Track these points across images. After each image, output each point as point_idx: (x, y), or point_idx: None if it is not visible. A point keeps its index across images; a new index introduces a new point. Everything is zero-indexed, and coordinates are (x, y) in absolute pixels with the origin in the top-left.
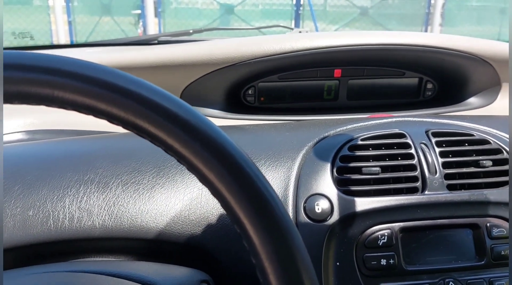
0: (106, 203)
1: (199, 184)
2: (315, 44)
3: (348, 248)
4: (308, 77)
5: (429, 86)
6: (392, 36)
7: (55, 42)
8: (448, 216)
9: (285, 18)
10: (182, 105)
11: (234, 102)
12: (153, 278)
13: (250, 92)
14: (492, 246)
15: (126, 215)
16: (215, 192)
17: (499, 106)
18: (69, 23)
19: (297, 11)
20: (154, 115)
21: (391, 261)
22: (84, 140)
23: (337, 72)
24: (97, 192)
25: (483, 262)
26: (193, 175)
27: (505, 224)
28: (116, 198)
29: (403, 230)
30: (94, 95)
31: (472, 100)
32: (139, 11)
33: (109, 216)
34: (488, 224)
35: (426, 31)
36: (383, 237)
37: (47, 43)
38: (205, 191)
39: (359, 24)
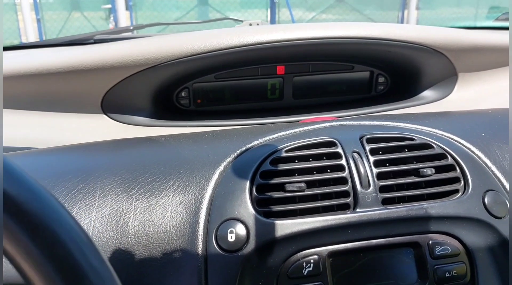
0: None
1: (87, 212)
2: (247, 40)
3: (267, 281)
4: (248, 76)
5: (381, 79)
6: (333, 28)
7: (24, 41)
8: (384, 236)
9: (261, 7)
10: None
11: (166, 107)
12: None
13: (183, 94)
14: (436, 267)
15: None
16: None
17: (456, 99)
18: (38, 20)
19: (273, 0)
20: None
21: None
22: None
23: (280, 69)
24: None
25: None
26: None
27: (450, 240)
28: None
29: (332, 254)
30: None
31: (427, 93)
32: (109, 6)
33: None
34: (430, 242)
35: (403, 15)
36: (309, 265)
37: (15, 42)
38: (97, 224)
39: (336, 11)
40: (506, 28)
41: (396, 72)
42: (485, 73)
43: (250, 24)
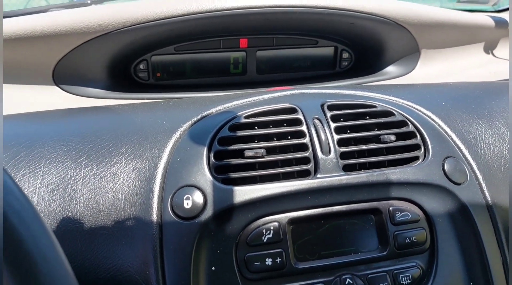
0: None
1: (31, 179)
2: (206, 6)
3: (226, 249)
4: (210, 48)
5: (345, 55)
6: None
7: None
8: (345, 202)
9: None
10: None
11: (123, 79)
12: None
13: (141, 66)
14: (396, 233)
15: None
16: None
17: (418, 75)
18: None
19: None
20: None
21: (278, 259)
22: None
23: (243, 42)
24: None
25: (385, 253)
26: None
27: (410, 206)
28: None
29: (292, 221)
30: None
31: (390, 69)
32: None
33: None
34: (390, 208)
35: None
36: (268, 232)
37: None
38: (42, 192)
39: None
40: (468, 10)
41: (360, 48)
42: (447, 50)
43: None
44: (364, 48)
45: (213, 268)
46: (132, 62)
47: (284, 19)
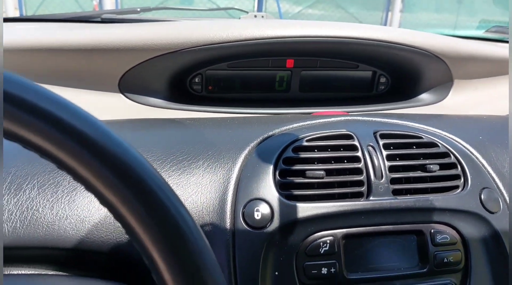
0: (18, 208)
1: None
2: (264, 33)
3: (288, 257)
4: (259, 67)
5: (382, 80)
6: (345, 28)
7: (2, 14)
8: (392, 223)
9: None
10: (76, 113)
11: (179, 91)
12: None
13: (196, 80)
14: (435, 253)
15: (41, 222)
16: (119, 218)
17: (450, 103)
18: None
19: None
20: (48, 128)
21: (332, 269)
22: None
23: (290, 63)
24: (8, 195)
25: (425, 270)
26: None
27: (449, 230)
28: (30, 202)
29: (346, 237)
30: None
31: (424, 96)
32: None
33: (21, 222)
34: (432, 231)
35: (386, 16)
36: (325, 245)
37: None
38: None
39: (322, 7)
40: (496, 40)
41: (397, 74)
42: (477, 81)
43: (255, 16)
44: (401, 75)
45: (276, 273)
46: (189, 75)
47: (333, 47)
